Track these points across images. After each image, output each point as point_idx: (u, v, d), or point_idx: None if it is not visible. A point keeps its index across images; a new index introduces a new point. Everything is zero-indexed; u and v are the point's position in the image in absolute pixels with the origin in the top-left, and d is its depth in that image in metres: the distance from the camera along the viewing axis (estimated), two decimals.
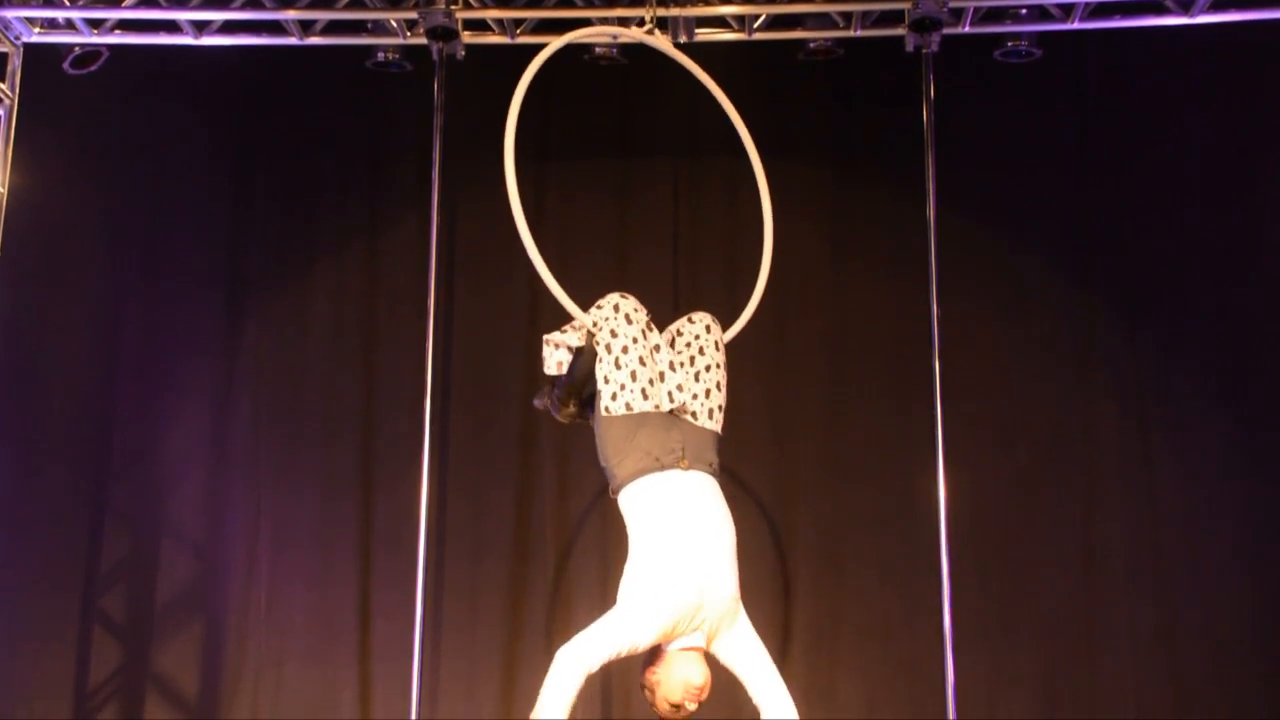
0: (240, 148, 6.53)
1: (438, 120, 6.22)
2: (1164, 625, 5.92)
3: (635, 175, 6.47)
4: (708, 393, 3.91)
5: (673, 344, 4.01)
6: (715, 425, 3.90)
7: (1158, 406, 6.11)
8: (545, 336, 4.02)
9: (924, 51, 5.96)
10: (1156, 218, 6.25)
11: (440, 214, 6.18)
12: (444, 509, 6.08)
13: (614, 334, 3.85)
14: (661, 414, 3.82)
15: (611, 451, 3.78)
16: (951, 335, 6.01)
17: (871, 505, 6.11)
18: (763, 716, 3.71)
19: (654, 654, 3.68)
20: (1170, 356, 6.16)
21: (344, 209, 6.48)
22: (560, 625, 5.89)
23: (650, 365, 3.85)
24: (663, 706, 3.66)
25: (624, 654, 3.61)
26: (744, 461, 6.19)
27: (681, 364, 3.94)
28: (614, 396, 3.82)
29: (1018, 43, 5.96)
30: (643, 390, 3.81)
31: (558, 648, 5.95)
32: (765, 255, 4.43)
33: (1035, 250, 6.30)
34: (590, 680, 5.74)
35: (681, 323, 4.06)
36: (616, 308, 3.90)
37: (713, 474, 3.81)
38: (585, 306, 3.92)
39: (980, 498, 5.98)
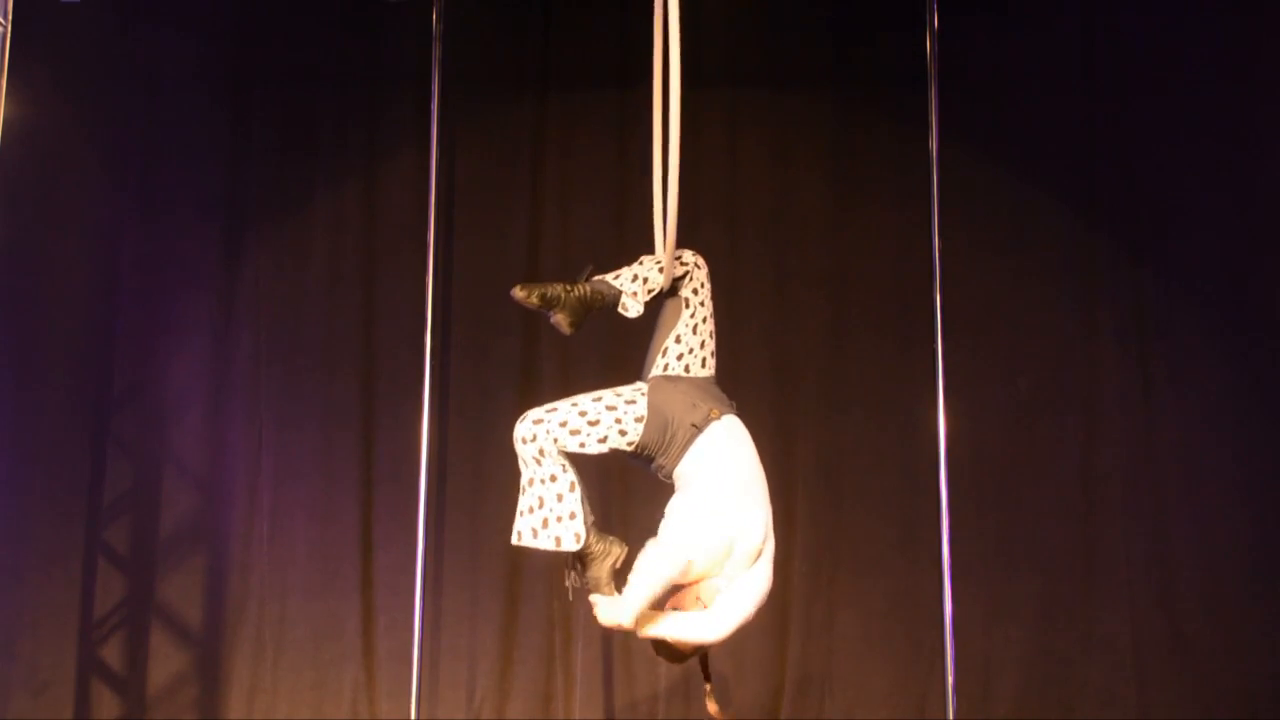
0: (237, 76, 6.46)
1: (436, 50, 6.17)
2: (1160, 556, 5.97)
3: (632, 108, 6.41)
4: (702, 344, 3.98)
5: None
6: (709, 371, 3.98)
7: (1158, 338, 6.12)
8: (643, 258, 3.99)
9: None
10: (1161, 149, 6.21)
11: (439, 145, 6.15)
12: (445, 440, 6.10)
13: (703, 303, 3.96)
14: (662, 378, 3.90)
15: (660, 431, 3.77)
16: (953, 268, 6.01)
17: (872, 438, 6.13)
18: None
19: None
20: (1172, 289, 6.15)
21: (343, 140, 6.42)
22: (561, 556, 5.92)
23: (713, 339, 3.99)
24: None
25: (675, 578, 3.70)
26: (745, 395, 6.15)
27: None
28: (679, 357, 3.91)
29: None
30: (703, 360, 3.94)
31: (557, 578, 6.03)
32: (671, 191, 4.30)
33: (1038, 182, 6.27)
34: (590, 678, 5.90)
35: (692, 270, 4.01)
36: (710, 277, 4.00)
37: (735, 415, 3.88)
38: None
39: (980, 430, 6.00)
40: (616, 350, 5.75)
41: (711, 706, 3.88)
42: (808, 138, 6.37)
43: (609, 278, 3.97)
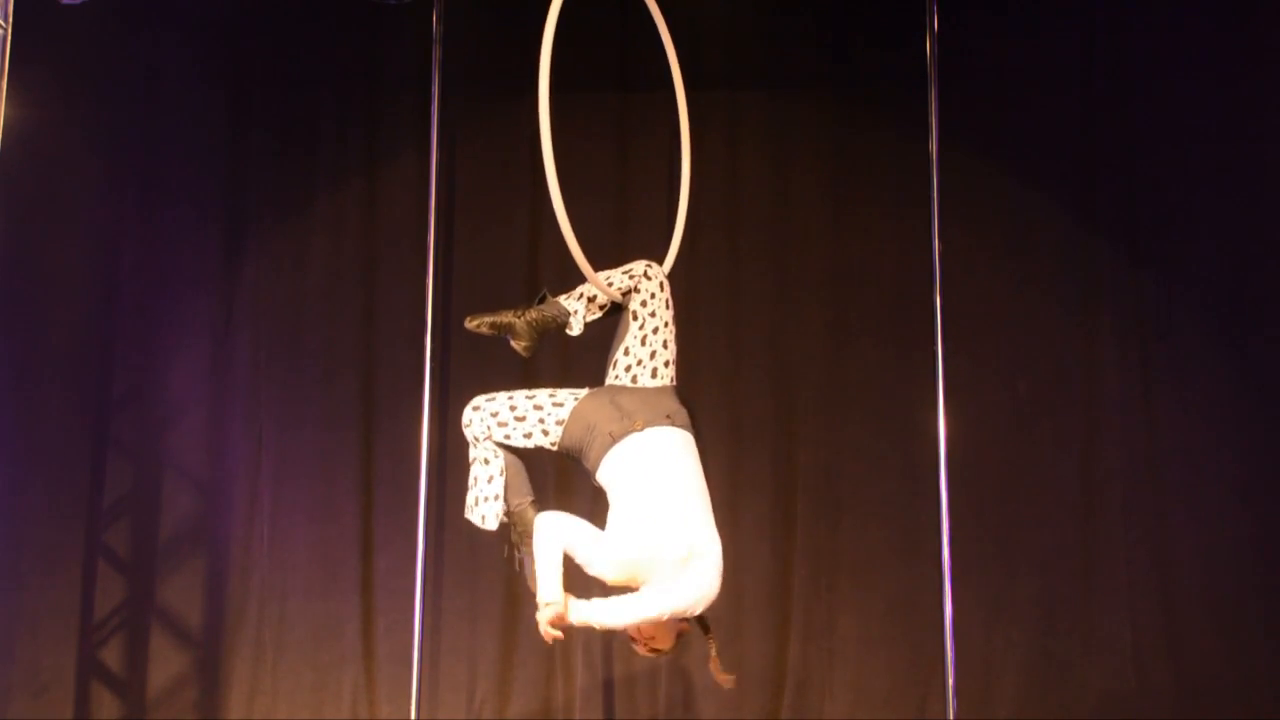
0: (237, 79, 6.46)
1: (436, 53, 6.17)
2: (1160, 556, 5.96)
3: (633, 112, 6.42)
4: (653, 354, 3.99)
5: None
6: (661, 380, 3.99)
7: (1158, 340, 6.12)
8: (590, 279, 3.99)
9: None
10: (1161, 152, 6.22)
11: (439, 148, 6.16)
12: (445, 441, 6.10)
13: (653, 314, 3.99)
14: (604, 387, 3.98)
15: (580, 437, 3.88)
16: (953, 271, 6.01)
17: (872, 440, 6.12)
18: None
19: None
20: (1172, 291, 6.15)
21: (343, 143, 6.42)
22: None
23: (668, 349, 4.01)
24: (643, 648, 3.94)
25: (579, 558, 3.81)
26: (744, 399, 6.20)
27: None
28: (628, 369, 3.96)
29: None
30: (653, 370, 3.97)
31: None
32: (683, 192, 4.54)
33: (1038, 185, 6.27)
34: (590, 679, 5.89)
35: (641, 280, 4.06)
36: (662, 286, 4.03)
37: (675, 425, 3.88)
38: (588, 253, 3.91)
39: (980, 432, 6.00)
40: None
41: (715, 667, 3.87)
42: (808, 141, 6.37)
43: (562, 298, 4.08)
